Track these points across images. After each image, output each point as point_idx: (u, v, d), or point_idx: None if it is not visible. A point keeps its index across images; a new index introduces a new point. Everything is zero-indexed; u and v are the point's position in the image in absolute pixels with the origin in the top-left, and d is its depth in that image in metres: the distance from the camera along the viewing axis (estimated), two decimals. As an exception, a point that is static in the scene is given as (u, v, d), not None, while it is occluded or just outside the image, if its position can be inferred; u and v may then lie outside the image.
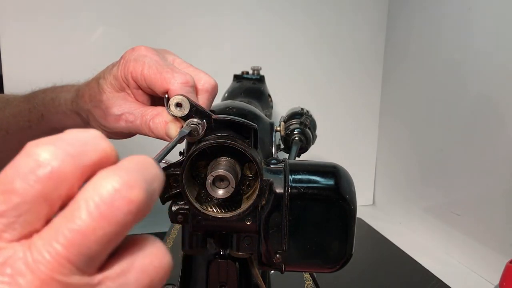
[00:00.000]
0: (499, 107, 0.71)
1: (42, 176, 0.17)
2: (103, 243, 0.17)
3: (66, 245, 0.16)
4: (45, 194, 0.17)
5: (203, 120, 0.34)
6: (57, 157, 0.17)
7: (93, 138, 0.18)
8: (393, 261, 0.82)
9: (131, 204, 0.17)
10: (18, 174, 0.17)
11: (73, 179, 0.17)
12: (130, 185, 0.17)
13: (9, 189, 0.17)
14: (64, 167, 0.17)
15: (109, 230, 0.17)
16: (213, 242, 0.40)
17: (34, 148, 0.17)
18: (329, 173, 0.35)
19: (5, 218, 0.16)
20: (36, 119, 0.48)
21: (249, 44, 0.95)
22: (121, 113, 0.40)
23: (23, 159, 0.17)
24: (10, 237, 0.17)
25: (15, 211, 0.17)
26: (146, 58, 0.38)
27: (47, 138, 0.18)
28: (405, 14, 0.97)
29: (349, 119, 1.06)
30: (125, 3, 0.86)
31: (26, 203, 0.17)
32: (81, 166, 0.17)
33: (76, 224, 0.16)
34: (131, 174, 0.17)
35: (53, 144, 0.17)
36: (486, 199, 0.74)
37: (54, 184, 0.17)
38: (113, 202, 0.17)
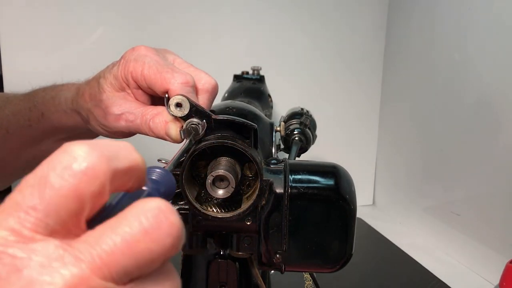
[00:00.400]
0: (499, 107, 0.71)
1: (76, 171, 0.17)
2: (141, 260, 0.17)
3: (109, 252, 0.17)
4: (78, 190, 0.17)
5: (203, 120, 0.34)
6: (92, 155, 0.17)
7: (126, 147, 0.19)
8: (393, 261, 0.82)
9: (173, 227, 0.18)
10: (54, 168, 0.17)
11: (106, 179, 0.18)
12: (172, 210, 0.18)
13: (44, 182, 0.17)
14: (99, 166, 0.17)
15: (149, 247, 0.17)
16: (213, 242, 0.40)
17: (71, 146, 0.18)
18: (329, 173, 0.35)
19: (39, 211, 0.17)
20: (36, 118, 0.48)
21: (249, 44, 0.95)
22: (121, 112, 0.40)
23: (59, 155, 0.18)
24: (44, 231, 0.17)
25: (49, 205, 0.17)
26: (146, 58, 0.38)
27: (83, 140, 0.18)
28: (405, 14, 0.97)
29: (349, 119, 1.07)
30: (125, 3, 0.86)
31: (59, 196, 0.17)
32: (113, 168, 0.18)
33: (121, 235, 0.17)
34: (170, 205, 0.18)
35: (89, 144, 0.18)
36: (486, 199, 0.74)
37: (88, 180, 0.17)
38: (157, 220, 0.17)
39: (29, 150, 0.51)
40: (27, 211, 0.17)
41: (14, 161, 0.53)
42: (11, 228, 0.16)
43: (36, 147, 0.51)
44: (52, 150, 0.18)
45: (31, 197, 0.17)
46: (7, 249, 0.16)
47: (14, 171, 0.56)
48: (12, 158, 0.52)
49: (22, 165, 0.54)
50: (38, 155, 0.52)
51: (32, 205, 0.17)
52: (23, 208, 0.17)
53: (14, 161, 0.53)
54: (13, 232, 0.16)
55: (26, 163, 0.54)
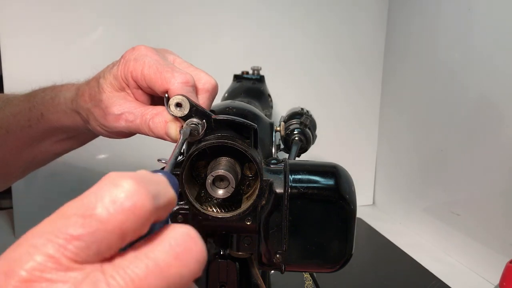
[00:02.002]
0: (499, 107, 0.71)
1: (125, 208, 0.17)
2: (171, 284, 0.17)
3: (141, 277, 0.17)
4: (122, 226, 0.17)
5: (203, 120, 0.34)
6: (139, 192, 0.17)
7: (165, 182, 0.20)
8: (393, 261, 0.82)
9: (201, 253, 0.19)
10: (102, 200, 0.17)
11: (149, 217, 0.18)
12: (198, 236, 0.19)
13: (90, 214, 0.17)
14: (146, 205, 0.18)
15: (179, 271, 0.18)
16: (213, 242, 0.40)
17: (120, 179, 0.18)
18: (329, 173, 0.35)
19: (81, 241, 0.17)
20: (36, 118, 0.48)
21: (249, 44, 0.95)
22: (121, 112, 0.40)
23: (107, 186, 0.17)
24: (82, 261, 0.17)
25: (92, 237, 0.17)
26: (146, 58, 0.38)
27: (128, 173, 0.18)
28: (405, 14, 0.97)
29: (349, 119, 1.06)
30: (126, 3, 0.86)
31: (104, 231, 0.17)
32: (156, 206, 0.18)
33: (152, 259, 0.17)
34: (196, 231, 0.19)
35: (135, 179, 0.18)
36: (486, 199, 0.74)
37: (134, 218, 0.17)
38: (186, 245, 0.18)
39: (29, 151, 0.51)
40: (69, 240, 0.16)
41: (14, 161, 0.53)
42: (49, 254, 0.16)
43: (36, 147, 0.51)
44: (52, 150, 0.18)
45: (75, 226, 0.17)
46: (45, 275, 0.16)
47: (14, 172, 0.56)
48: (12, 158, 0.52)
49: (22, 165, 0.54)
50: (37, 156, 0.52)
51: (76, 235, 0.17)
52: (65, 236, 0.17)
53: (14, 162, 0.53)
54: (51, 259, 0.16)
55: (26, 163, 0.54)
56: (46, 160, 0.54)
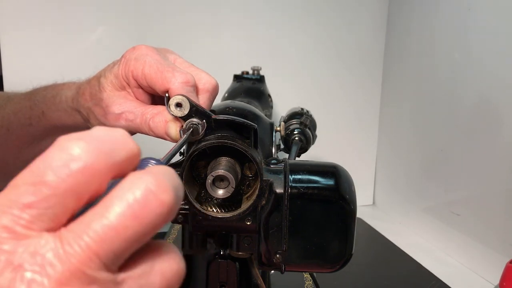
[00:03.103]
0: (499, 107, 0.71)
1: (74, 171, 0.17)
2: (132, 241, 0.17)
3: (97, 240, 0.16)
4: (75, 189, 0.17)
5: (203, 120, 0.34)
6: (89, 152, 0.17)
7: (122, 137, 0.19)
8: (393, 261, 0.82)
9: (163, 207, 0.17)
10: (51, 166, 0.17)
11: (103, 175, 0.18)
12: (163, 188, 0.17)
13: (41, 181, 0.17)
14: (97, 163, 0.17)
15: (139, 229, 0.17)
16: (213, 242, 0.40)
17: (67, 142, 0.17)
18: (329, 173, 0.35)
19: (34, 209, 0.17)
20: (37, 116, 0.48)
21: (249, 44, 0.95)
22: (121, 111, 0.40)
23: (55, 152, 0.17)
24: (38, 228, 0.17)
25: (45, 203, 0.17)
26: (147, 57, 0.38)
27: (78, 134, 0.18)
28: (405, 14, 0.97)
29: (349, 119, 1.07)
30: (126, 3, 0.86)
31: (56, 196, 0.17)
32: (111, 164, 0.18)
33: (109, 221, 0.17)
34: (163, 178, 0.18)
35: (85, 140, 0.17)
36: (486, 199, 0.74)
37: (86, 179, 0.17)
38: (146, 202, 0.17)
39: (29, 149, 0.51)
40: (22, 209, 0.17)
41: (15, 160, 0.53)
42: (3, 225, 0.16)
43: (36, 146, 0.51)
44: None
45: (27, 194, 0.17)
46: (2, 246, 0.16)
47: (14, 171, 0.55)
48: (12, 157, 0.52)
49: (23, 164, 0.54)
50: (38, 155, 0.52)
51: (28, 203, 0.17)
52: (18, 206, 0.17)
53: (14, 160, 0.53)
54: (5, 229, 0.16)
55: (26, 162, 0.53)
56: None
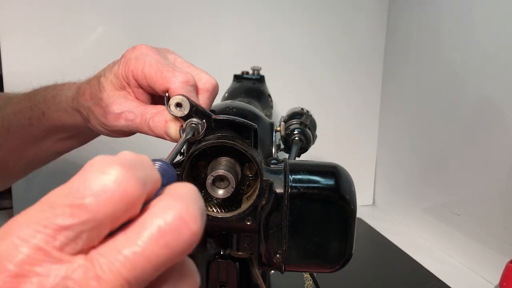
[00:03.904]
0: (499, 107, 0.71)
1: (115, 197, 0.17)
2: (160, 267, 0.17)
3: (129, 268, 0.16)
4: (113, 215, 0.17)
5: (203, 120, 0.34)
6: (128, 179, 0.17)
7: (150, 164, 0.19)
8: (393, 261, 0.82)
9: (193, 236, 0.17)
10: (91, 190, 0.16)
11: (139, 202, 0.17)
12: (193, 216, 0.17)
13: (80, 204, 0.16)
14: (136, 190, 0.17)
15: (170, 257, 0.17)
16: (213, 242, 0.40)
17: (105, 165, 0.17)
18: (329, 173, 0.35)
19: (71, 231, 0.16)
20: (37, 117, 0.48)
21: (249, 44, 0.95)
22: (121, 111, 0.40)
23: (95, 174, 0.17)
24: (71, 250, 0.17)
25: (82, 226, 0.16)
26: (147, 57, 0.38)
27: (113, 157, 0.17)
28: (405, 14, 0.97)
29: (349, 119, 1.06)
30: (125, 3, 0.86)
31: (94, 221, 0.16)
32: (145, 191, 0.18)
33: (141, 248, 0.16)
34: (193, 205, 0.17)
35: (121, 165, 0.17)
36: (486, 199, 0.74)
37: (124, 206, 0.17)
38: (178, 231, 0.17)
39: (30, 150, 0.51)
40: (58, 231, 0.16)
41: (15, 161, 0.53)
42: (38, 246, 0.16)
43: (37, 146, 0.51)
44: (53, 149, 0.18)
45: (64, 216, 0.16)
46: (35, 268, 0.16)
47: (15, 171, 0.56)
48: (13, 157, 0.52)
49: (23, 165, 0.54)
50: (38, 155, 0.52)
51: (65, 226, 0.16)
52: (54, 227, 0.16)
53: (15, 161, 0.53)
54: (40, 251, 0.16)
55: (26, 163, 0.54)
56: (47, 159, 0.54)
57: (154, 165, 0.19)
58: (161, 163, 0.21)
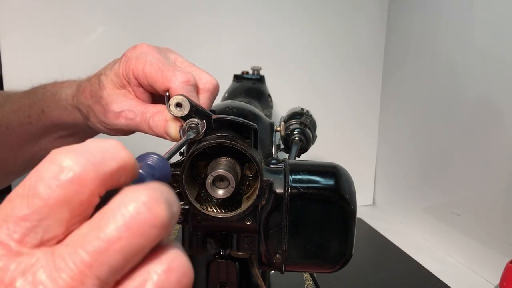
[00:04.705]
0: (499, 107, 0.71)
1: (64, 181, 0.17)
2: (127, 255, 0.17)
3: (92, 254, 0.16)
4: (66, 199, 0.17)
5: (203, 120, 0.34)
6: (79, 163, 0.17)
7: (114, 147, 0.19)
8: (393, 261, 0.82)
9: (156, 218, 0.17)
10: (41, 178, 0.17)
11: (94, 185, 0.18)
12: (155, 201, 0.17)
13: (32, 193, 0.17)
14: (86, 173, 0.17)
15: (133, 241, 0.17)
16: (213, 242, 0.40)
17: (57, 155, 0.18)
18: (329, 173, 0.35)
19: (28, 221, 0.17)
20: (36, 114, 0.48)
21: (249, 44, 0.95)
22: (121, 110, 0.40)
23: (46, 164, 0.17)
24: (32, 241, 0.17)
25: (38, 214, 0.17)
26: (148, 56, 0.38)
27: (70, 146, 0.18)
28: (405, 14, 0.97)
29: (349, 119, 1.06)
30: (126, 2, 0.86)
31: (48, 206, 0.17)
32: (101, 173, 0.18)
33: (103, 234, 0.16)
34: (157, 192, 0.18)
35: (75, 152, 0.18)
36: (486, 199, 0.74)
37: (76, 189, 0.17)
38: (139, 214, 0.17)
39: (28, 148, 0.51)
40: (17, 222, 0.17)
41: (14, 159, 0.53)
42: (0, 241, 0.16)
43: (36, 144, 0.51)
44: (52, 148, 0.18)
45: (20, 207, 0.17)
46: None
47: (14, 170, 0.56)
48: (12, 156, 0.52)
49: (22, 163, 0.54)
50: (37, 153, 0.52)
51: (22, 216, 0.17)
52: (13, 218, 0.17)
53: (13, 159, 0.53)
54: (1, 245, 0.16)
55: (25, 161, 0.54)
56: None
57: (120, 150, 0.19)
58: (156, 156, 0.22)
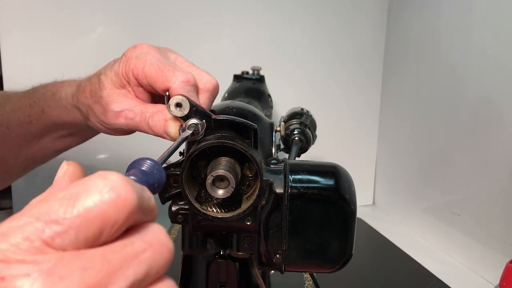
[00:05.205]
0: (499, 107, 0.71)
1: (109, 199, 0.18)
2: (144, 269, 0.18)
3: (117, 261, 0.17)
4: (104, 217, 0.17)
5: (203, 120, 0.34)
6: (126, 187, 0.18)
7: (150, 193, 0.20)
8: (393, 261, 0.82)
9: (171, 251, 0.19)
10: (87, 190, 0.17)
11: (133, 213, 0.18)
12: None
13: (74, 201, 0.17)
14: (131, 198, 0.18)
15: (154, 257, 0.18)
16: (213, 242, 0.40)
17: (108, 174, 0.18)
18: (329, 173, 0.35)
19: (59, 226, 0.17)
20: (37, 114, 0.48)
21: (249, 44, 0.95)
22: (121, 109, 0.40)
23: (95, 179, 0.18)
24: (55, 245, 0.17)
25: (72, 222, 0.17)
26: (148, 56, 0.38)
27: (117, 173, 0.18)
28: (405, 14, 0.97)
29: (349, 119, 1.06)
30: (126, 2, 0.86)
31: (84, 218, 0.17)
32: (141, 205, 0.19)
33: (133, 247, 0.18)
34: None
35: (125, 178, 0.18)
36: (486, 199, 0.74)
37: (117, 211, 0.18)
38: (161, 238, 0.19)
39: (29, 148, 0.51)
40: (48, 223, 0.17)
41: (14, 159, 0.53)
42: (25, 236, 0.16)
43: (36, 144, 0.51)
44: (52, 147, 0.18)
45: (57, 211, 0.17)
46: (17, 256, 0.16)
47: (14, 170, 0.56)
48: (12, 155, 0.52)
49: (22, 163, 0.54)
50: (38, 153, 0.52)
51: (55, 219, 0.17)
52: (45, 219, 0.17)
53: (14, 159, 0.53)
54: (26, 241, 0.16)
55: (26, 161, 0.54)
56: (46, 157, 0.54)
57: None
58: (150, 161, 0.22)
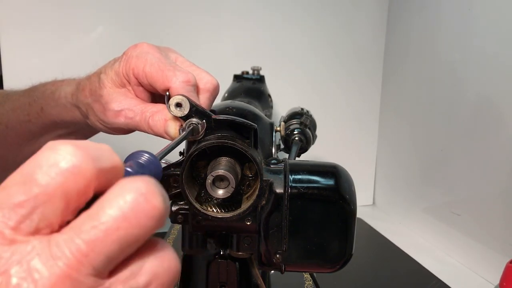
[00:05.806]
0: (499, 107, 0.71)
1: (64, 169, 0.17)
2: (123, 245, 0.17)
3: (88, 243, 0.16)
4: (64, 188, 0.17)
5: (203, 120, 0.34)
6: (78, 154, 0.17)
7: (108, 149, 0.19)
8: (393, 261, 0.82)
9: (154, 209, 0.17)
10: (40, 166, 0.17)
11: (91, 178, 0.18)
12: (152, 192, 0.17)
13: (30, 179, 0.17)
14: (85, 164, 0.17)
15: (130, 232, 0.17)
16: (213, 242, 0.40)
17: (57, 144, 0.18)
18: (329, 173, 0.35)
19: (24, 208, 0.16)
20: (36, 113, 0.48)
21: (249, 44, 0.95)
22: (121, 109, 0.40)
23: (46, 153, 0.17)
24: (27, 229, 0.17)
25: (34, 201, 0.17)
26: (148, 55, 0.38)
27: (68, 140, 0.18)
28: (405, 14, 0.97)
29: (349, 119, 1.06)
30: (126, 2, 0.86)
31: (45, 194, 0.17)
32: (98, 168, 0.18)
33: (99, 222, 0.16)
34: (152, 185, 0.18)
35: (75, 144, 0.18)
36: (486, 199, 0.74)
37: (74, 179, 0.17)
38: (137, 204, 0.17)
39: (28, 146, 0.51)
40: (12, 208, 0.16)
41: (14, 157, 0.53)
42: None
43: (35, 143, 0.51)
44: None
45: (17, 194, 0.17)
46: None
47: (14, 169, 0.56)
48: (11, 154, 0.52)
49: (22, 162, 0.54)
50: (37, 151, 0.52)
51: (18, 202, 0.16)
52: (8, 205, 0.16)
53: (13, 157, 0.53)
54: None
55: (25, 160, 0.54)
56: None
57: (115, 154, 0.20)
58: (147, 155, 0.22)
